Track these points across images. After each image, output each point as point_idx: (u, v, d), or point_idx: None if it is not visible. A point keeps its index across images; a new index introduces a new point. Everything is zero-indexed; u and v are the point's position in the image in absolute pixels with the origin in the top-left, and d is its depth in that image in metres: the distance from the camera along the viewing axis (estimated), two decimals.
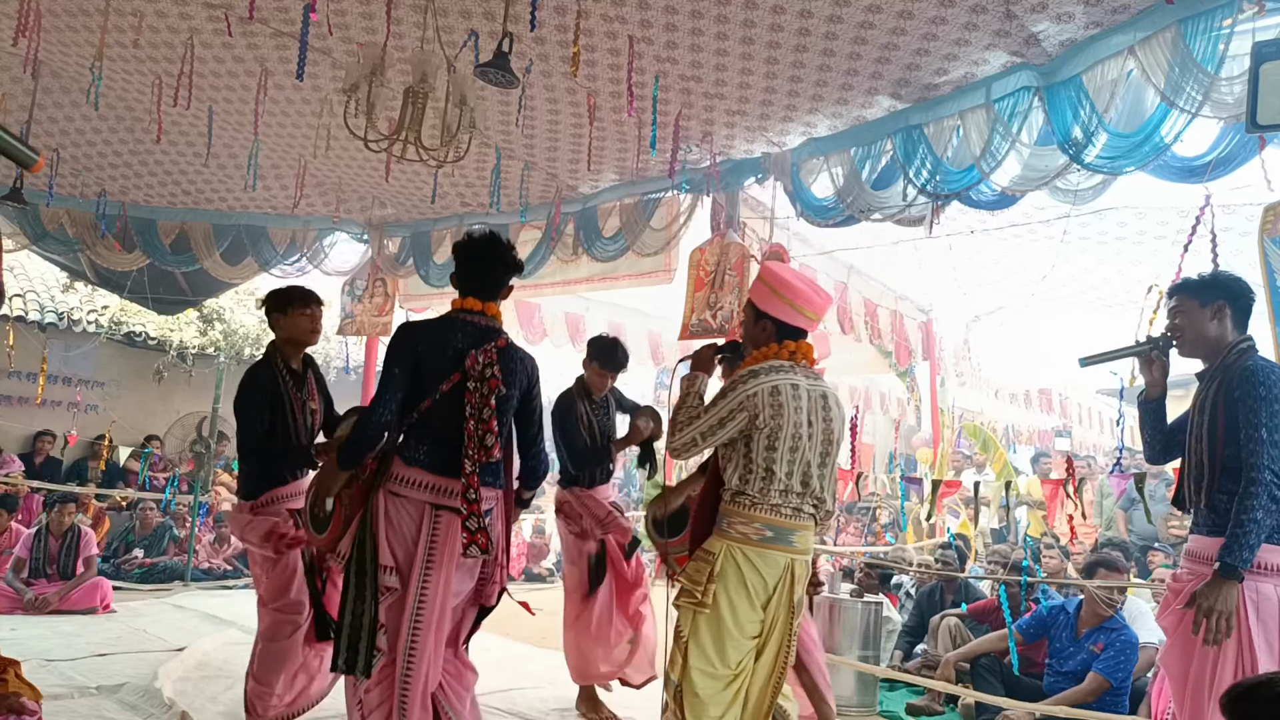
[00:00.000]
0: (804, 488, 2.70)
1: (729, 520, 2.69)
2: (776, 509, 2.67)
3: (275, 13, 4.16)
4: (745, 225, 5.47)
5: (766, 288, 2.83)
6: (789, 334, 2.79)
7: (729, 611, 2.63)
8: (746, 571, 2.64)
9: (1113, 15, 3.43)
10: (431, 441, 2.86)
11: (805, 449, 2.68)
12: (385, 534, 2.83)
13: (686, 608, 2.68)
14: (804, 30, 3.83)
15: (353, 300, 7.76)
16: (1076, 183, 3.85)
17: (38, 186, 6.30)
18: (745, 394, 2.65)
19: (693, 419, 2.70)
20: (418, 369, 2.84)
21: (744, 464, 2.68)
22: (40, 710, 3.19)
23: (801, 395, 2.69)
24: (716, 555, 2.66)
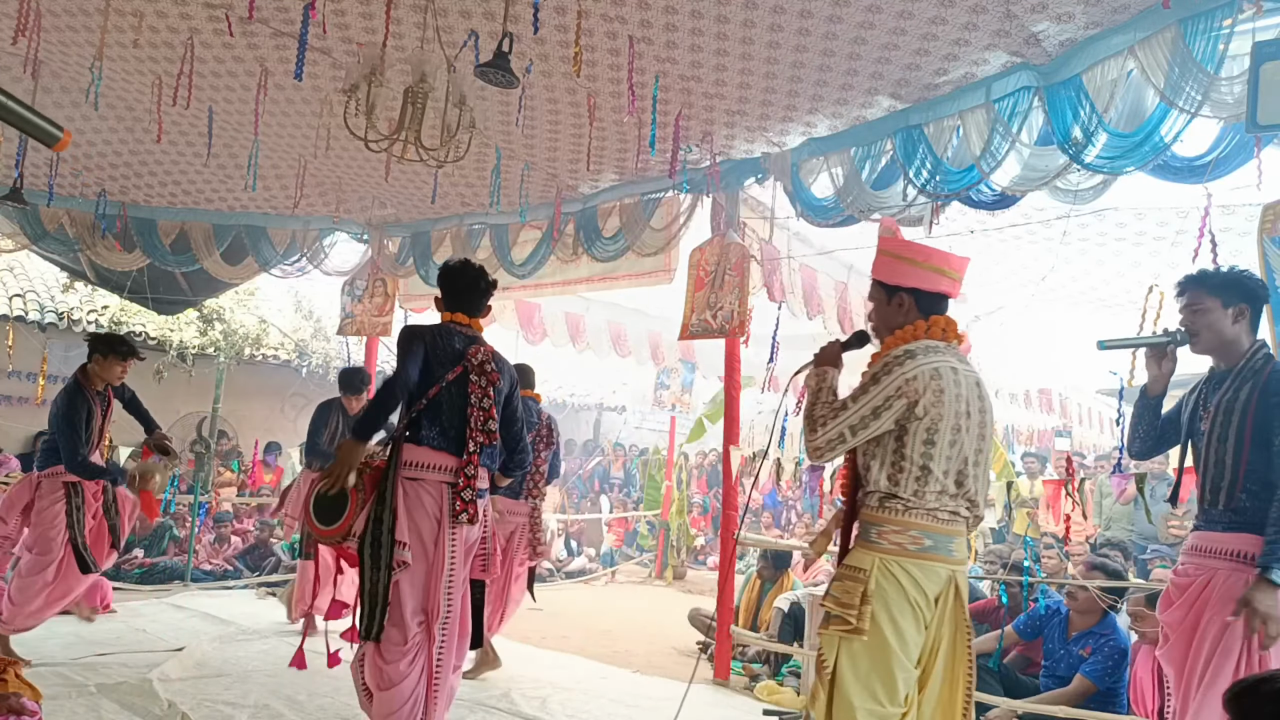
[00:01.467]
0: (958, 488, 2.37)
1: (878, 530, 2.35)
2: (933, 513, 2.34)
3: (275, 13, 4.16)
4: (745, 225, 5.47)
5: (894, 259, 2.52)
6: (932, 307, 2.49)
7: (894, 634, 2.26)
8: (908, 586, 2.29)
9: (1113, 15, 3.43)
10: (441, 425, 3.20)
11: (963, 443, 2.37)
12: (406, 514, 3.12)
13: (834, 635, 2.31)
14: (804, 30, 3.83)
15: (353, 300, 7.76)
16: (1076, 183, 3.85)
17: (38, 186, 6.30)
18: (904, 377, 2.32)
19: (836, 412, 2.37)
20: (427, 359, 3.20)
21: (895, 461, 2.36)
22: (40, 710, 3.19)
23: (960, 380, 2.38)
24: (868, 571, 2.31)
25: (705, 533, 11.37)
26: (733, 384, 5.56)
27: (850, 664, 2.28)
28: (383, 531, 3.11)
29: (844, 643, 2.30)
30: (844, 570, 2.39)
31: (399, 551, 3.09)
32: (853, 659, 2.28)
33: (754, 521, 10.15)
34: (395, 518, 3.11)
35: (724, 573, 5.50)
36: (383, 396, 3.18)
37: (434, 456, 3.20)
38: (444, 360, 3.21)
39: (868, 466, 2.41)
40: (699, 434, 11.13)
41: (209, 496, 8.38)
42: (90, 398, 4.62)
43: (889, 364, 2.37)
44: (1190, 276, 2.87)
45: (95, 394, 4.66)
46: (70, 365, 9.87)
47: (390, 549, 3.09)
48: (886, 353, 2.44)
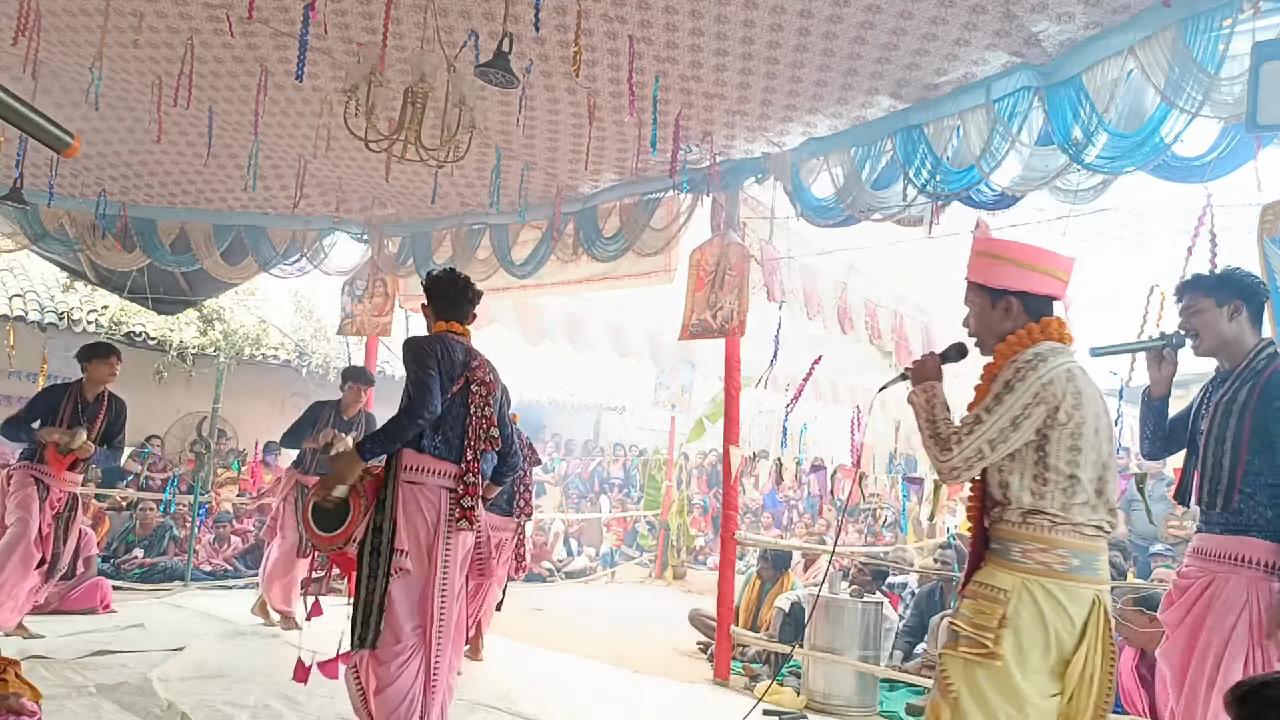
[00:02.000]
0: (1098, 496, 2.20)
1: (1022, 548, 2.17)
2: (1079, 529, 2.16)
3: (275, 13, 4.16)
4: (745, 225, 5.47)
5: (996, 260, 2.35)
6: (1041, 310, 2.32)
7: (1016, 663, 2.11)
8: (1049, 612, 2.11)
9: (1113, 15, 3.43)
10: (444, 434, 3.26)
11: (1102, 447, 2.20)
12: (406, 520, 3.16)
13: (959, 657, 2.17)
14: (804, 30, 3.83)
15: (353, 300, 7.76)
16: (1076, 183, 3.84)
17: (38, 186, 6.30)
18: (1039, 382, 2.15)
19: (970, 427, 2.19)
20: (439, 376, 3.24)
21: (1038, 472, 2.18)
22: (40, 710, 3.18)
23: (1090, 381, 2.23)
24: (1010, 592, 2.14)
25: (705, 533, 11.38)
26: (733, 384, 5.56)
27: (973, 690, 2.14)
28: (383, 540, 3.15)
29: (971, 666, 2.15)
30: (979, 589, 2.21)
31: (398, 559, 3.13)
32: (976, 685, 2.13)
33: (754, 521, 10.15)
34: (395, 526, 3.15)
35: (724, 573, 5.50)
36: (404, 424, 3.16)
37: (435, 463, 3.25)
38: (451, 374, 3.26)
39: (1005, 482, 2.22)
40: (699, 434, 11.13)
41: (209, 497, 8.37)
42: (72, 395, 5.12)
43: (1020, 370, 2.19)
44: (1185, 281, 2.87)
45: (79, 396, 5.13)
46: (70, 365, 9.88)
47: (389, 557, 3.13)
48: (1011, 359, 2.26)
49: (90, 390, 5.19)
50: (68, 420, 5.09)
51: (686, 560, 10.51)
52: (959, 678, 2.17)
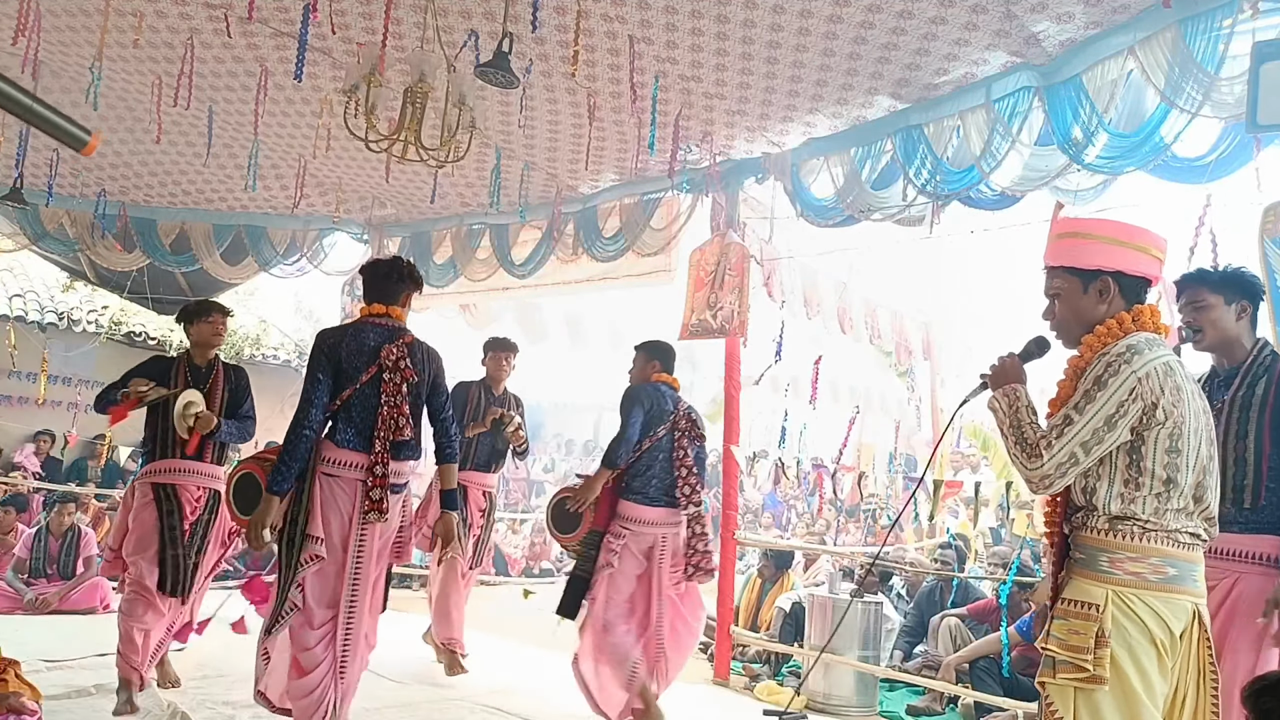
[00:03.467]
0: (1197, 504, 2.03)
1: (1110, 557, 1.99)
2: (1173, 536, 1.99)
3: (275, 13, 4.16)
4: (745, 225, 5.47)
5: (1086, 239, 2.14)
6: (1135, 295, 2.11)
7: (1139, 680, 1.91)
8: (1151, 623, 1.94)
9: (1113, 15, 3.43)
10: (356, 425, 3.19)
11: (1202, 448, 2.03)
12: (320, 509, 3.14)
13: (1067, 685, 1.95)
14: (804, 30, 3.83)
15: (353, 300, 7.75)
16: (1077, 183, 3.85)
17: (37, 186, 6.30)
18: (1135, 376, 1.96)
19: (1059, 430, 1.98)
20: (339, 368, 3.17)
21: (1131, 477, 2.00)
22: (40, 710, 3.19)
23: (1190, 377, 2.05)
24: (1101, 606, 1.95)
25: None
26: (733, 384, 5.56)
27: (1093, 718, 1.93)
28: (297, 531, 3.14)
29: (1081, 694, 1.94)
30: (1067, 607, 2.02)
31: (310, 545, 3.12)
32: (1096, 712, 1.92)
33: (754, 521, 10.15)
34: (309, 516, 3.13)
35: (724, 573, 5.50)
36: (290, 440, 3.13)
37: (348, 455, 3.20)
38: (357, 364, 3.18)
39: (1092, 488, 2.04)
40: None
41: None
42: (180, 366, 4.22)
43: (1112, 364, 1.99)
44: (1189, 274, 2.82)
45: (188, 365, 4.22)
46: (70, 365, 9.91)
47: (302, 545, 3.12)
48: (1100, 352, 2.05)
49: (199, 356, 4.26)
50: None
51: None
52: (1070, 708, 1.95)
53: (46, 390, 9.07)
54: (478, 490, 5.11)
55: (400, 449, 3.23)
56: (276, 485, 3.12)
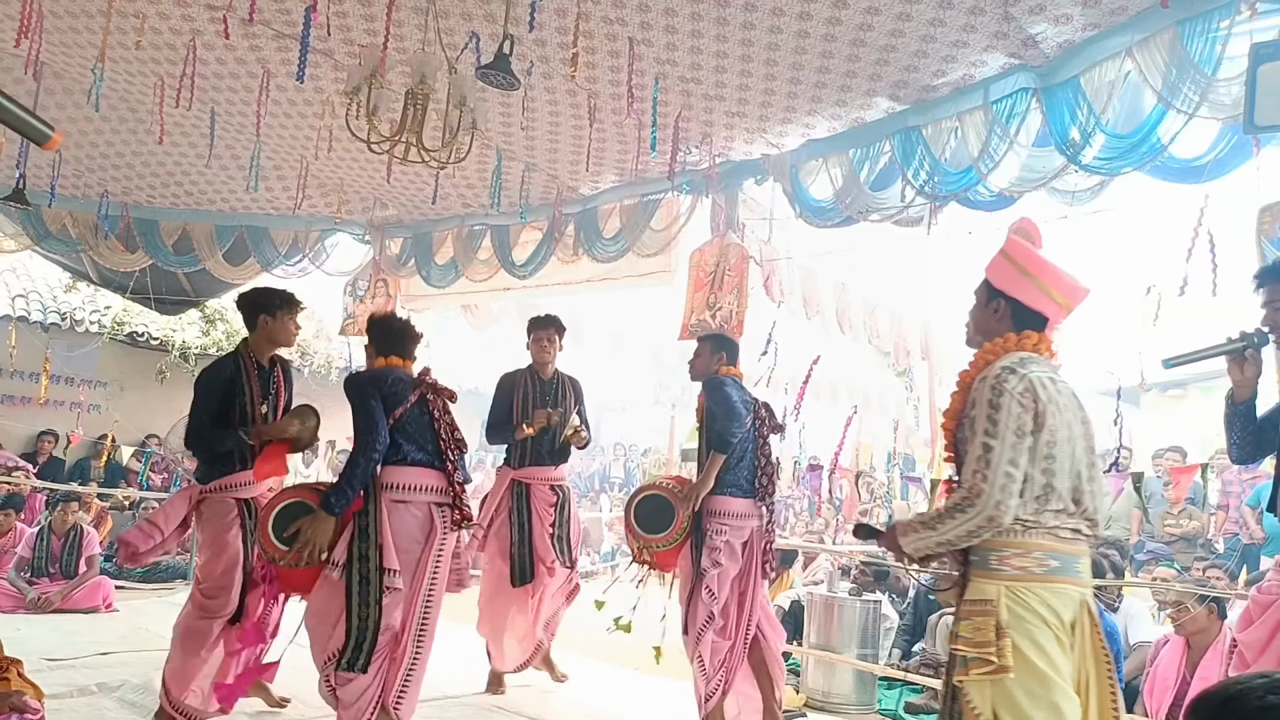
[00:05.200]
0: (1076, 505, 2.17)
1: (999, 555, 2.13)
2: (1054, 532, 2.13)
3: (277, 14, 4.18)
4: (744, 226, 5.49)
5: (1008, 262, 2.33)
6: (1027, 322, 2.30)
7: (1043, 660, 2.03)
8: (1044, 612, 2.07)
9: (1110, 17, 3.45)
10: (416, 443, 3.26)
11: (1076, 456, 2.18)
12: (392, 540, 3.10)
13: (980, 681, 2.06)
14: (803, 32, 3.84)
15: (354, 300, 7.78)
16: (1074, 184, 3.86)
17: (40, 187, 6.32)
18: (1017, 390, 2.13)
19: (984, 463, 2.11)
20: (384, 396, 3.24)
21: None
22: (43, 709, 3.20)
23: (1062, 391, 2.21)
24: (995, 601, 2.09)
25: None
26: None
27: (1009, 709, 2.03)
28: (369, 567, 3.07)
29: (993, 686, 2.05)
30: (968, 607, 2.16)
31: (389, 579, 3.08)
32: (1010, 702, 2.03)
33: None
34: (382, 549, 3.08)
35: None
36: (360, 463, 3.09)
37: (415, 475, 3.23)
38: (400, 393, 3.27)
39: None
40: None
41: None
42: (246, 368, 3.68)
43: (995, 385, 2.15)
44: (1267, 269, 2.74)
45: (254, 364, 3.70)
46: (72, 365, 9.94)
47: (380, 581, 3.08)
48: (982, 371, 2.24)
49: (263, 353, 3.74)
50: (255, 399, 3.64)
51: None
52: (987, 702, 2.06)
53: (49, 390, 9.09)
54: (543, 485, 4.65)
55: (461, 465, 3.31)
56: (338, 505, 3.06)
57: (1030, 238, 2.39)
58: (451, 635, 5.59)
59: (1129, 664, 4.49)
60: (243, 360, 3.69)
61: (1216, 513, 8.13)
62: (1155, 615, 5.15)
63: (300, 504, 3.18)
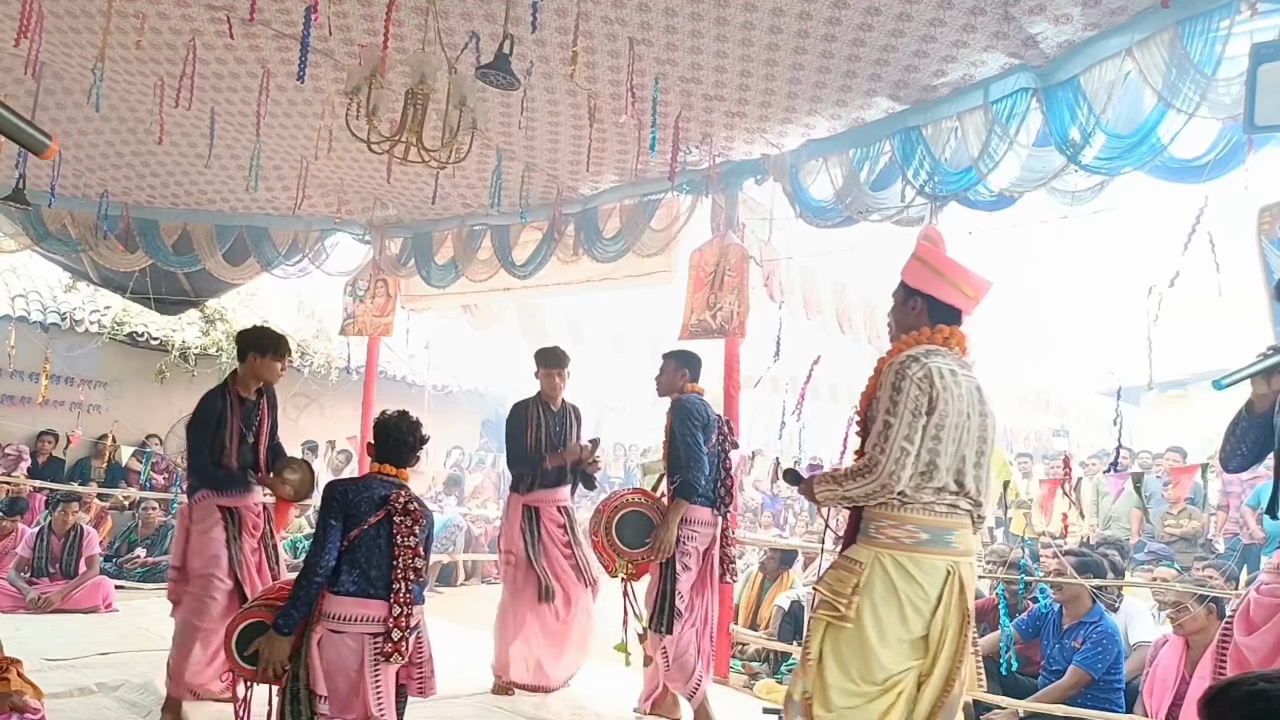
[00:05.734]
0: (959, 486, 2.46)
1: (877, 525, 2.46)
2: (929, 507, 2.43)
3: (277, 14, 4.18)
4: (744, 226, 5.49)
5: (920, 264, 2.66)
6: (941, 316, 2.61)
7: (874, 628, 2.38)
8: (899, 581, 2.39)
9: (1110, 17, 3.45)
10: (363, 568, 3.15)
11: (963, 442, 2.46)
12: (320, 666, 3.09)
13: (823, 620, 2.44)
14: (803, 32, 3.84)
15: (354, 300, 7.78)
16: (1074, 184, 3.86)
17: (40, 187, 6.33)
18: (917, 376, 2.42)
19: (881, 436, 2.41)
20: (348, 515, 3.18)
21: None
22: (43, 708, 3.20)
23: (960, 383, 2.48)
24: (864, 564, 2.43)
25: None
26: (732, 384, 5.58)
27: (832, 648, 2.42)
28: (300, 686, 3.10)
29: (830, 629, 2.44)
30: (841, 561, 2.51)
31: (318, 704, 3.09)
32: (834, 644, 2.42)
33: (753, 521, 10.16)
34: (311, 674, 3.09)
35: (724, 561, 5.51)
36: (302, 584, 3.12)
37: (354, 608, 3.13)
38: (365, 509, 3.20)
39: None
40: None
41: None
42: (231, 403, 4.04)
43: (899, 371, 2.45)
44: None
45: (236, 398, 4.06)
46: (72, 365, 9.94)
47: (310, 701, 3.09)
48: (892, 359, 2.52)
49: (247, 388, 4.10)
50: (237, 435, 4.03)
51: None
52: (818, 642, 2.45)
53: (48, 390, 9.10)
54: (551, 507, 4.86)
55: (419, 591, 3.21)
56: (288, 625, 3.10)
57: (936, 243, 2.75)
58: (453, 636, 5.60)
59: (1129, 664, 4.48)
60: (228, 395, 4.05)
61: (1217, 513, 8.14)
62: (1155, 615, 5.15)
63: (258, 624, 3.24)
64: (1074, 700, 4.21)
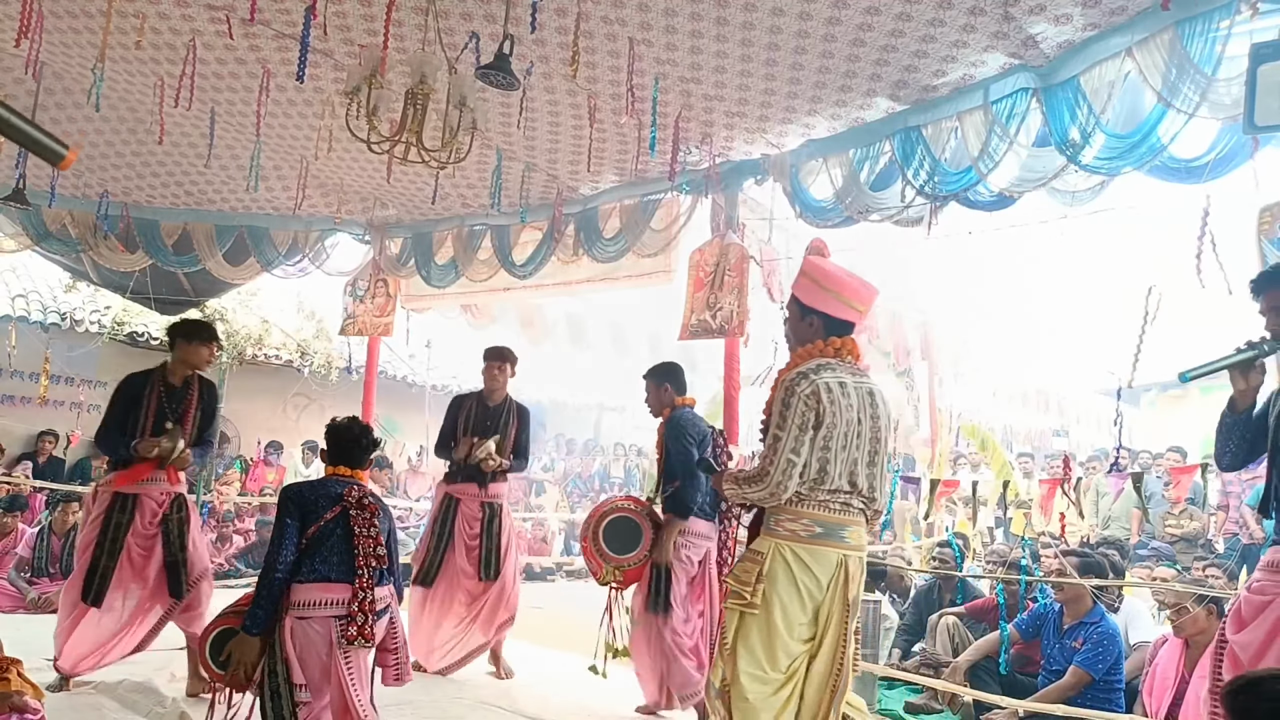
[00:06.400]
0: (852, 487, 2.68)
1: (776, 519, 2.69)
2: (824, 504, 2.66)
3: (277, 14, 4.18)
4: (744, 226, 5.49)
5: (811, 282, 2.82)
6: (835, 329, 2.80)
7: (779, 612, 2.59)
8: (797, 570, 2.61)
9: (1110, 17, 3.45)
10: (321, 557, 3.27)
11: (853, 447, 2.68)
12: (296, 655, 3.17)
13: (734, 609, 2.65)
14: (803, 32, 3.84)
15: (354, 301, 7.78)
16: (1074, 184, 3.86)
17: (40, 187, 6.33)
18: (805, 393, 2.64)
19: (771, 449, 2.65)
20: (304, 514, 3.31)
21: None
22: (43, 708, 3.21)
23: (850, 393, 2.69)
24: (765, 554, 2.65)
25: None
26: (732, 384, 5.58)
27: (743, 635, 2.61)
28: (279, 682, 3.17)
29: (741, 617, 2.63)
30: (747, 554, 2.74)
31: (299, 694, 3.17)
32: (745, 631, 2.61)
33: None
34: (289, 666, 3.16)
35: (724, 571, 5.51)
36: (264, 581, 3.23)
37: (320, 592, 3.22)
38: (321, 507, 3.33)
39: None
40: None
41: (211, 496, 8.40)
42: (155, 385, 4.30)
43: (789, 388, 2.67)
44: (1266, 274, 2.77)
45: (163, 384, 4.32)
46: (72, 365, 9.95)
47: (290, 695, 3.17)
48: (786, 375, 2.74)
49: (177, 375, 4.36)
50: (153, 415, 4.27)
51: None
52: (733, 630, 2.63)
53: (48, 390, 9.10)
54: (472, 502, 5.06)
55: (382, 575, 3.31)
56: (257, 623, 3.19)
57: (823, 254, 2.87)
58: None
59: (1129, 664, 4.48)
60: (154, 380, 4.32)
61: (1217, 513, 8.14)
62: (1155, 615, 5.15)
63: (230, 630, 3.31)
64: (1074, 700, 4.21)
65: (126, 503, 4.24)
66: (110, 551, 4.18)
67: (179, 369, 4.38)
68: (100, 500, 4.26)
